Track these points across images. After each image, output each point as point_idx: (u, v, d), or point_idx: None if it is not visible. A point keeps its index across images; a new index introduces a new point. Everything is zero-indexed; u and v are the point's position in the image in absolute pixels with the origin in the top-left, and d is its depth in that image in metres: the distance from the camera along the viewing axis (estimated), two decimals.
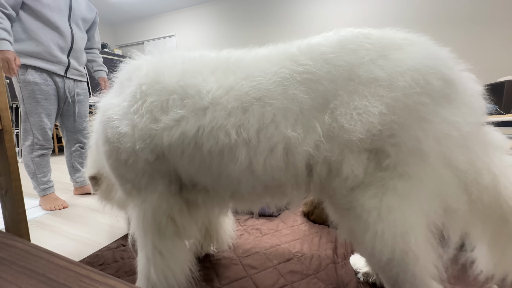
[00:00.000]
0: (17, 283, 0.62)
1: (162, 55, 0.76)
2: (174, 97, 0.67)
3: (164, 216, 0.74)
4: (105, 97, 0.80)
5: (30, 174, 1.75)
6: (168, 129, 0.66)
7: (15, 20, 1.56)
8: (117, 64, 0.81)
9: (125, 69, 0.79)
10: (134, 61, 0.79)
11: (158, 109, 0.68)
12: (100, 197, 0.99)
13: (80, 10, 1.80)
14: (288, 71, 0.62)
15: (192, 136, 0.65)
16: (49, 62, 1.67)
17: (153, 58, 0.77)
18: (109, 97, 0.79)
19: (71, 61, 1.77)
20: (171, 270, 0.75)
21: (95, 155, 0.90)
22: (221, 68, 0.68)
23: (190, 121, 0.65)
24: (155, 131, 0.67)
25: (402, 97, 0.55)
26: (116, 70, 0.81)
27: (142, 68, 0.74)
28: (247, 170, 0.64)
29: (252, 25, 4.78)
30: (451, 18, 3.55)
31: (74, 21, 1.76)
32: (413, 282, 0.59)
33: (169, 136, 0.66)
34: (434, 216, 0.60)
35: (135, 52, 0.82)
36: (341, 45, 0.61)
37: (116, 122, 0.70)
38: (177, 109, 0.66)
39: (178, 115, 0.66)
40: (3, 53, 1.43)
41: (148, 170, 0.72)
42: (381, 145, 0.57)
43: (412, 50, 0.58)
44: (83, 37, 1.87)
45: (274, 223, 1.39)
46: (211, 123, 0.64)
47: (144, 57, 0.79)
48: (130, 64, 0.79)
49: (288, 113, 0.61)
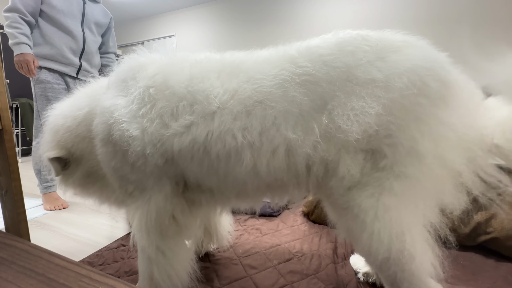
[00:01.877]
0: (17, 283, 0.62)
1: (169, 57, 0.75)
2: (183, 103, 0.67)
3: (167, 216, 0.74)
4: (106, 94, 0.77)
5: (35, 171, 1.80)
6: (178, 135, 0.67)
7: (34, 27, 1.71)
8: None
9: (127, 66, 0.77)
10: (136, 59, 0.77)
11: (168, 115, 0.67)
12: (63, 182, 0.89)
13: (93, 14, 1.88)
14: (287, 73, 0.62)
15: (202, 141, 0.66)
16: (61, 64, 1.78)
17: (158, 59, 0.75)
18: (111, 95, 0.75)
19: (82, 63, 1.86)
20: (174, 269, 0.76)
21: (62, 135, 0.82)
22: (225, 71, 0.68)
23: (199, 126, 0.66)
24: (166, 137, 0.67)
25: (399, 98, 0.56)
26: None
27: (148, 69, 0.73)
28: (252, 171, 0.65)
29: (252, 25, 4.78)
30: (451, 18, 3.55)
31: (87, 25, 1.85)
32: (410, 280, 0.59)
33: (179, 142, 0.67)
34: (431, 216, 0.61)
35: (140, 48, 0.79)
36: (339, 47, 0.62)
37: (125, 125, 0.69)
38: (187, 115, 0.66)
39: (188, 122, 0.66)
40: (23, 56, 1.59)
41: (156, 172, 0.72)
42: (377, 145, 0.58)
43: (410, 52, 0.59)
44: (96, 40, 1.94)
45: (274, 223, 1.39)
46: (219, 128, 0.64)
47: (148, 56, 0.78)
48: (133, 62, 0.77)
49: (289, 115, 0.62)
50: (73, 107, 0.83)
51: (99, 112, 0.75)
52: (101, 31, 1.98)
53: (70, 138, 0.82)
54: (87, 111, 0.80)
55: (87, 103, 0.81)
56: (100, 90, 0.82)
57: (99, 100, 0.78)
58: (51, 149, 0.83)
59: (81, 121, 0.80)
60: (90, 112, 0.79)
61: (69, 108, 0.84)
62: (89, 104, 0.81)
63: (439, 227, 0.63)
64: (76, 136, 0.81)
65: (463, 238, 1.06)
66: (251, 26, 4.79)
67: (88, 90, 0.87)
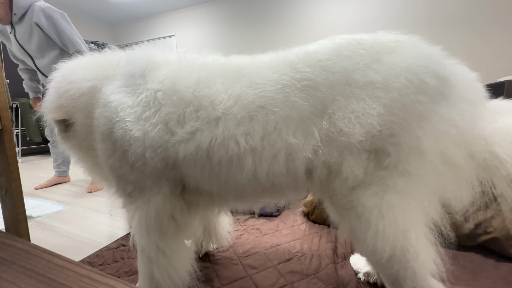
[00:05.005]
0: (17, 283, 0.62)
1: (180, 60, 0.74)
2: (190, 109, 0.67)
3: (166, 216, 0.74)
4: (111, 85, 0.74)
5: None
6: (184, 142, 0.66)
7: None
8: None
9: (139, 60, 0.75)
10: (151, 54, 0.76)
11: (174, 121, 0.67)
12: (63, 143, 0.87)
13: (24, 39, 1.89)
14: (288, 78, 0.63)
15: (205, 147, 0.66)
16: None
17: (171, 61, 0.74)
18: (117, 87, 0.73)
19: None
20: (174, 268, 0.76)
21: (65, 100, 0.80)
22: (229, 76, 0.69)
23: (204, 133, 0.65)
24: (170, 144, 0.67)
25: (399, 97, 0.56)
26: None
27: (160, 70, 0.72)
28: (252, 176, 0.65)
29: (252, 25, 4.78)
30: (451, 18, 3.55)
31: (29, 51, 1.93)
32: (413, 279, 0.59)
33: (185, 149, 0.66)
34: (433, 213, 0.61)
35: (158, 43, 0.78)
36: (336, 52, 0.63)
37: (129, 125, 0.68)
38: (192, 122, 0.66)
39: (193, 128, 0.66)
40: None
41: (155, 173, 0.72)
42: (381, 145, 0.58)
43: (404, 51, 0.60)
44: (48, 62, 1.92)
45: (274, 223, 1.39)
46: (223, 133, 0.64)
47: (164, 54, 0.76)
48: (146, 57, 0.75)
49: (289, 120, 0.62)
50: (81, 75, 0.80)
51: (102, 102, 0.73)
52: (48, 44, 1.89)
53: (71, 105, 0.79)
54: (92, 85, 0.77)
55: (95, 75, 0.78)
56: (109, 67, 0.79)
57: (104, 83, 0.75)
58: (53, 111, 0.81)
59: (83, 93, 0.77)
60: (94, 87, 0.76)
61: (77, 75, 0.80)
62: (96, 77, 0.78)
63: (441, 225, 0.63)
64: (74, 107, 0.79)
65: (463, 238, 1.06)
66: (251, 26, 4.79)
67: (100, 61, 0.83)
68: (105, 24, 6.06)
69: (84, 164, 0.89)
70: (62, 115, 0.81)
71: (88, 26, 5.62)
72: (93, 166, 0.87)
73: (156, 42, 5.81)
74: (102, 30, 5.98)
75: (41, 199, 1.91)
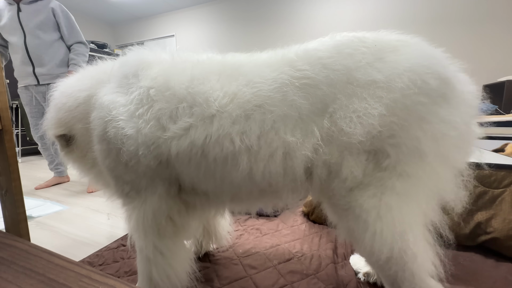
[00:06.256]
0: (17, 283, 0.62)
1: (173, 58, 0.74)
2: (183, 105, 0.66)
3: (163, 217, 0.74)
4: (106, 87, 0.75)
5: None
6: (176, 138, 0.66)
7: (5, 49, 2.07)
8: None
9: (131, 61, 0.75)
10: (143, 55, 0.76)
11: (167, 117, 0.67)
12: (65, 157, 0.89)
13: (31, 19, 1.95)
14: (287, 76, 0.62)
15: (200, 144, 0.65)
16: (23, 78, 2.05)
17: (164, 59, 0.74)
18: (110, 89, 0.74)
19: (36, 69, 2.01)
20: (173, 268, 0.76)
21: (64, 114, 0.82)
22: (225, 74, 0.68)
23: (198, 129, 0.65)
24: (162, 140, 0.67)
25: (401, 98, 0.56)
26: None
27: (152, 68, 0.72)
28: (247, 176, 0.65)
29: (252, 25, 4.78)
30: (451, 18, 3.55)
31: (29, 32, 1.95)
32: (411, 280, 0.59)
33: (178, 145, 0.66)
34: (432, 215, 0.61)
35: (150, 45, 0.78)
36: (337, 49, 0.62)
37: (121, 123, 0.68)
38: (186, 118, 0.66)
39: (187, 124, 0.66)
40: None
41: (149, 173, 0.71)
42: (380, 146, 0.58)
43: (407, 51, 0.59)
44: (42, 42, 1.98)
45: (274, 223, 1.39)
46: (217, 131, 0.64)
47: (157, 54, 0.76)
48: (139, 57, 0.75)
49: (288, 119, 0.62)
50: (76, 87, 0.82)
51: (97, 105, 0.73)
52: (50, 27, 1.99)
53: (69, 118, 0.81)
54: (88, 94, 0.78)
55: (90, 85, 0.80)
56: (103, 75, 0.80)
57: (99, 89, 0.76)
58: (53, 126, 0.83)
59: (80, 103, 0.79)
60: (90, 96, 0.78)
61: (73, 87, 0.82)
62: (91, 86, 0.79)
63: (440, 226, 0.63)
64: (73, 117, 0.80)
65: (463, 238, 1.06)
66: (251, 26, 4.79)
67: (94, 71, 0.85)
68: (105, 24, 6.06)
69: (89, 174, 0.91)
70: (62, 129, 0.83)
71: (88, 26, 5.62)
72: (98, 175, 0.88)
73: (156, 42, 5.81)
74: (102, 30, 5.98)
75: (41, 199, 1.91)
